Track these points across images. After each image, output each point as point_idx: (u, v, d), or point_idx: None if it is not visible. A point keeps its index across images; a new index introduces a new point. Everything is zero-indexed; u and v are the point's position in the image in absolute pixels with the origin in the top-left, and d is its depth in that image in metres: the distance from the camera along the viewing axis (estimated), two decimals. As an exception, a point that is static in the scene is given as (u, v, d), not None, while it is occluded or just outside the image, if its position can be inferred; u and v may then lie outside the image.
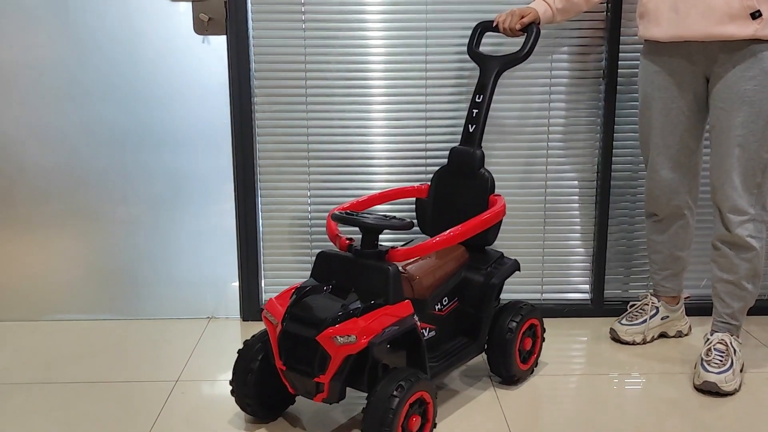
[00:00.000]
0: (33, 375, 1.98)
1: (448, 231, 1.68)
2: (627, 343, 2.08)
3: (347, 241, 1.68)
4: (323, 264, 1.67)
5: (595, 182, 2.30)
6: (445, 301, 1.79)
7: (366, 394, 1.56)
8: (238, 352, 1.70)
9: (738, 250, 1.85)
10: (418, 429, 1.58)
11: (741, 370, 1.90)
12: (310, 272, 2.25)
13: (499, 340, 1.84)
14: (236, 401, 1.71)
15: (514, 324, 1.85)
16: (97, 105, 2.22)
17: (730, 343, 1.90)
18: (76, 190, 2.27)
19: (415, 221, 1.90)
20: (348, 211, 1.71)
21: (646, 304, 2.13)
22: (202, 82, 2.21)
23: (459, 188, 1.81)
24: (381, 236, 1.65)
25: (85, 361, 2.07)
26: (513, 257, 1.93)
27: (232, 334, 2.26)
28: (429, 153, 2.27)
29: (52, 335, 2.23)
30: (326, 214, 2.29)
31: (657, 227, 2.07)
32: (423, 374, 1.57)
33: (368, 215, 1.65)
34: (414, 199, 2.02)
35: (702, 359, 1.87)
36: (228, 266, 2.32)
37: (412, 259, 1.75)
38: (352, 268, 1.62)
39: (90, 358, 2.08)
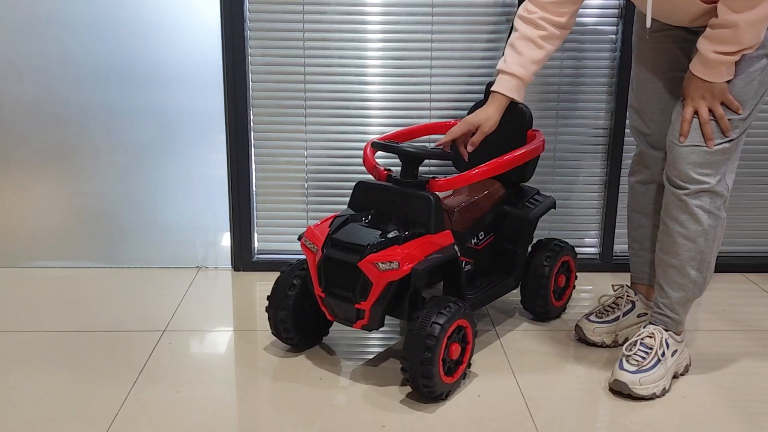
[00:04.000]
0: (13, 323, 1.95)
1: (488, 162, 1.70)
2: (594, 345, 1.83)
3: (386, 172, 1.72)
4: (362, 194, 1.71)
5: (608, 129, 2.25)
6: (481, 235, 1.84)
7: (405, 324, 1.60)
8: (276, 281, 1.74)
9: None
10: (458, 358, 1.61)
11: (675, 375, 1.69)
12: (306, 222, 2.25)
13: (534, 275, 1.90)
14: (272, 329, 1.76)
15: (550, 260, 1.91)
16: (79, 36, 2.14)
17: (663, 340, 1.66)
18: (57, 129, 2.21)
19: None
20: (389, 140, 1.75)
21: (620, 297, 1.87)
22: (193, 15, 2.14)
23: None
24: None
25: (67, 309, 2.03)
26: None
27: (223, 285, 2.24)
28: (434, 96, 2.21)
29: (32, 283, 2.20)
30: (323, 160, 2.25)
31: (642, 173, 1.78)
32: (464, 303, 1.61)
33: (410, 145, 1.68)
34: None
35: (623, 354, 1.66)
36: (219, 214, 2.29)
37: (450, 192, 1.82)
38: (391, 197, 1.66)
39: (72, 307, 2.05)
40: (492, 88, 1.72)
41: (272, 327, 1.75)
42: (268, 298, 1.74)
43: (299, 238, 1.68)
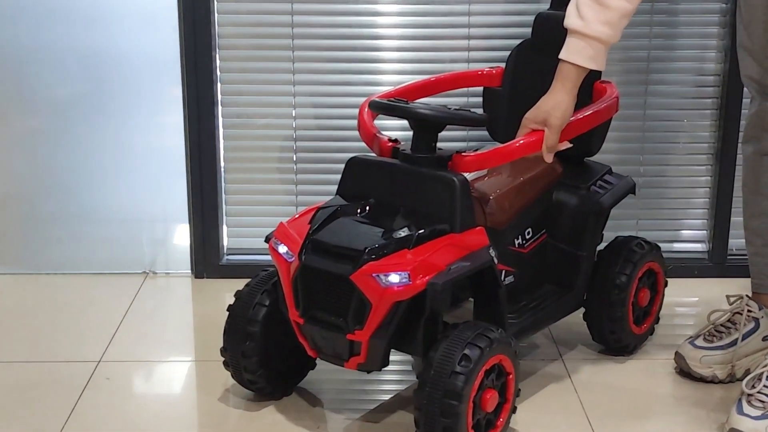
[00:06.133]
0: None
1: (537, 130, 1.68)
2: (702, 379, 1.83)
3: (391, 143, 1.70)
4: (357, 175, 1.70)
5: (721, 76, 2.23)
6: (529, 233, 1.82)
7: (419, 360, 1.59)
8: (229, 309, 1.73)
9: None
10: (494, 410, 1.59)
11: None
12: (295, 209, 2.25)
13: (605, 291, 1.88)
14: (232, 375, 1.75)
15: (624, 276, 1.88)
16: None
17: None
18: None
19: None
20: (395, 98, 1.73)
21: (738, 313, 1.86)
22: None
23: (548, 72, 1.73)
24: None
25: (-36, 332, 2.04)
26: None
27: (179, 297, 2.26)
28: (473, 31, 2.21)
29: None
30: (319, 123, 2.25)
31: (763, 139, 1.78)
32: (501, 331, 1.58)
33: (423, 105, 1.67)
34: (482, 89, 2.03)
35: (743, 392, 1.66)
36: (174, 200, 2.30)
37: (483, 173, 1.78)
38: (399, 180, 1.65)
39: (-30, 329, 2.06)
40: (561, 56, 1.68)
41: (234, 377, 1.74)
42: (224, 339, 1.72)
43: (267, 240, 1.66)
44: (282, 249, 1.61)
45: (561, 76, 1.67)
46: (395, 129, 2.07)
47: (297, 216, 1.67)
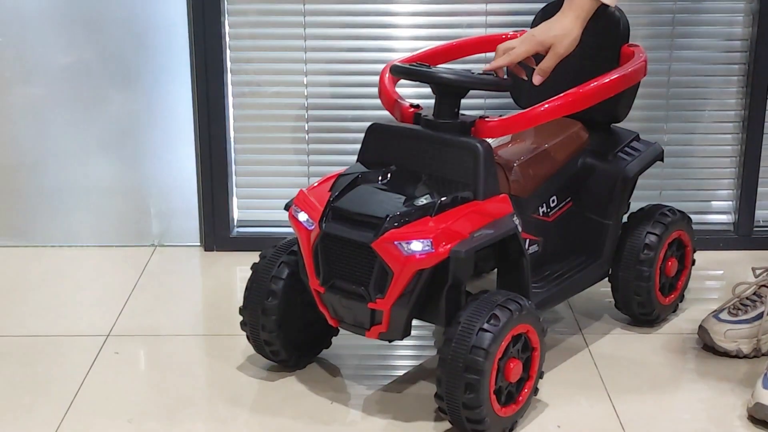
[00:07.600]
0: None
1: (562, 94, 1.68)
2: (726, 354, 1.83)
3: (412, 109, 1.71)
4: (377, 141, 1.71)
5: (749, 40, 2.22)
6: (554, 201, 1.84)
7: (441, 331, 1.60)
8: (252, 269, 1.74)
9: None
10: (518, 381, 1.60)
11: None
12: (308, 180, 2.27)
13: (630, 260, 1.89)
14: (250, 340, 1.77)
15: (654, 237, 1.89)
16: None
17: None
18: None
19: None
20: (417, 62, 1.73)
21: (764, 285, 1.86)
22: None
23: None
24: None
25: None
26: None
27: (188, 270, 2.28)
28: None
29: None
30: (332, 91, 2.26)
31: None
32: (526, 300, 1.60)
33: (446, 69, 1.67)
34: None
35: None
36: (182, 170, 2.31)
37: (506, 139, 1.79)
38: (421, 146, 1.66)
39: (-26, 303, 2.07)
40: None
41: (251, 339, 1.76)
42: (245, 297, 1.74)
43: (286, 207, 1.67)
44: (302, 217, 1.64)
45: (575, 5, 1.70)
46: (413, 96, 2.07)
47: (317, 183, 1.69)
